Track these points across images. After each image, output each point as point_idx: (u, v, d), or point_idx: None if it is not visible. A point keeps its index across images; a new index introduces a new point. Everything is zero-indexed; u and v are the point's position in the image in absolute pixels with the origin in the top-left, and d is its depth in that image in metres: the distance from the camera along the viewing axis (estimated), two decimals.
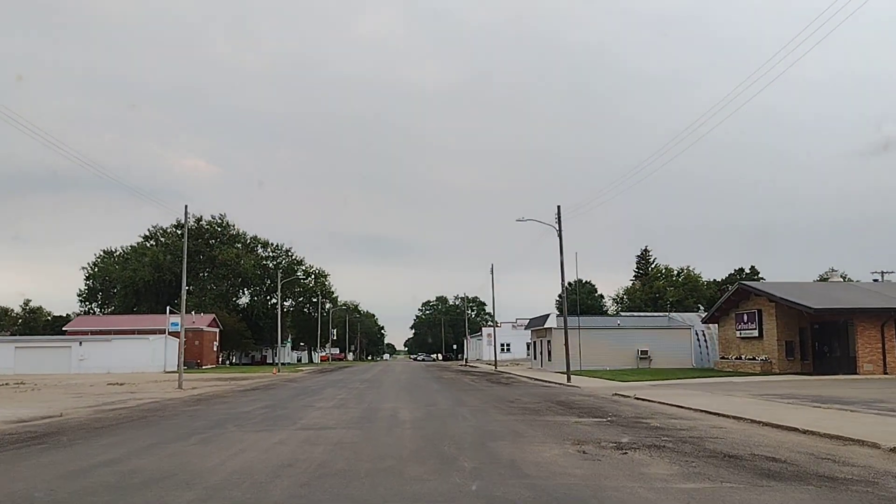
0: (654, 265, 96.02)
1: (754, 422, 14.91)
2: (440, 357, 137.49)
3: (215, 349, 77.17)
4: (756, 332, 38.33)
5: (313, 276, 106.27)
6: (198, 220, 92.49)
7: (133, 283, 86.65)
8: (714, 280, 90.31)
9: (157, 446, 11.90)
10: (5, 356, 57.36)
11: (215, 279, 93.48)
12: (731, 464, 9.48)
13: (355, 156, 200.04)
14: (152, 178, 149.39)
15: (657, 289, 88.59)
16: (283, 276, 79.28)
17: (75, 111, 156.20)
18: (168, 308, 62.57)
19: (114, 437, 13.47)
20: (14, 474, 9.37)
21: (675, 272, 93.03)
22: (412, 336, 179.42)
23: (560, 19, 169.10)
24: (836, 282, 44.25)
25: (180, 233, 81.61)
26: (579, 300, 63.07)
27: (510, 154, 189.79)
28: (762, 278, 74.79)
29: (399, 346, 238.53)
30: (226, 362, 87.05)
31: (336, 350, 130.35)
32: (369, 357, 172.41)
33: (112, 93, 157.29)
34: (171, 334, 59.06)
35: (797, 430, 13.41)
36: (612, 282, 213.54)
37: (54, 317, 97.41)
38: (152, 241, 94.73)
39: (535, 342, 59.12)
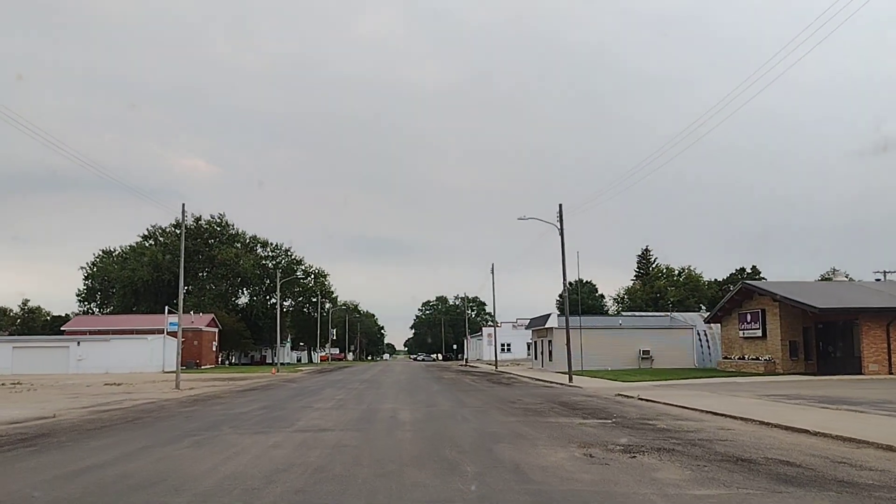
0: (654, 265, 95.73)
1: (763, 423, 14.64)
2: (440, 357, 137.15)
3: (214, 349, 76.79)
4: (759, 331, 37.98)
5: (313, 276, 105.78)
6: (197, 220, 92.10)
7: (132, 282, 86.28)
8: (715, 280, 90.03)
9: (148, 449, 11.53)
10: (3, 356, 57.08)
11: (214, 279, 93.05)
12: (745, 468, 9.11)
13: (355, 156, 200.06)
14: (152, 178, 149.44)
15: (658, 288, 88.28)
16: (282, 276, 78.88)
17: (75, 111, 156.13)
18: (167, 308, 62.17)
19: (105, 440, 13.11)
20: None
21: (676, 272, 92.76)
22: (412, 336, 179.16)
23: (560, 19, 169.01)
24: (840, 281, 43.88)
25: (179, 232, 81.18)
26: (580, 300, 62.72)
27: (510, 154, 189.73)
28: (763, 278, 74.41)
29: (399, 346, 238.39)
30: (225, 362, 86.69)
31: (336, 350, 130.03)
32: (369, 357, 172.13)
33: (112, 93, 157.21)
34: (169, 334, 58.69)
35: (808, 431, 13.12)
36: (612, 282, 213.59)
37: (53, 317, 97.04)
38: (151, 241, 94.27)
39: (535, 342, 58.79)
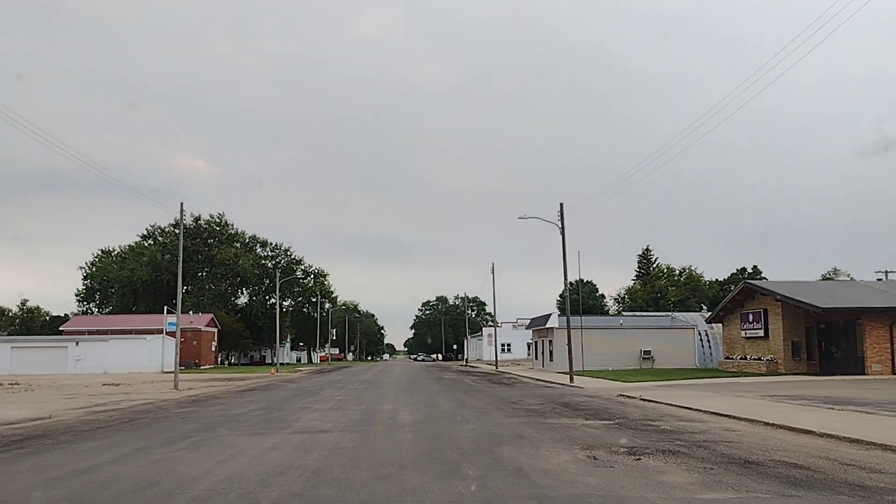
0: (655, 265, 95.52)
1: (768, 424, 14.44)
2: (440, 357, 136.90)
3: (213, 349, 76.53)
4: (761, 331, 37.77)
5: (312, 276, 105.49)
6: (196, 220, 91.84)
7: (131, 282, 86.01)
8: (716, 280, 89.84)
9: (142, 451, 11.30)
10: (1, 356, 56.85)
11: (214, 279, 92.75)
12: (752, 471, 8.89)
13: (355, 156, 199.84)
14: (152, 178, 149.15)
15: (659, 288, 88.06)
16: (281, 276, 78.62)
17: (75, 111, 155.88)
18: (165, 308, 61.94)
19: (99, 441, 12.88)
20: None
21: (677, 272, 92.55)
22: (412, 336, 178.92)
23: (560, 19, 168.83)
24: (843, 281, 43.66)
25: (178, 231, 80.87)
26: (581, 300, 62.52)
27: (510, 154, 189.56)
28: (764, 278, 74.17)
29: (399, 347, 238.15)
30: (224, 362, 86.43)
31: (335, 350, 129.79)
32: (369, 357, 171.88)
33: (112, 93, 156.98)
34: (168, 334, 58.45)
35: (814, 433, 12.92)
36: (613, 282, 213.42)
37: (52, 317, 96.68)
38: (150, 241, 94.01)
39: (536, 342, 58.57)
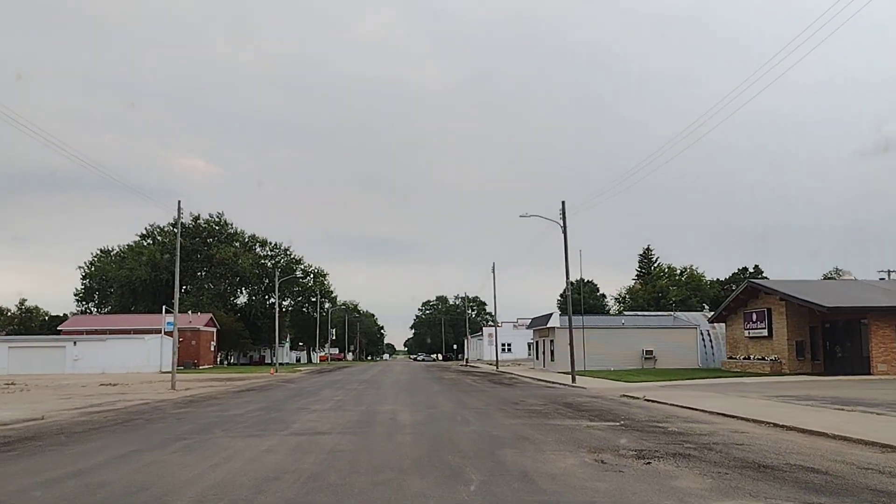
0: (656, 264, 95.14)
1: (777, 426, 14.07)
2: (440, 357, 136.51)
3: (213, 349, 76.14)
4: (765, 331, 37.39)
5: (312, 276, 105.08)
6: (195, 219, 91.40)
7: (130, 282, 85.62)
8: (717, 279, 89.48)
9: (134, 454, 10.92)
10: None
11: (213, 278, 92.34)
12: (768, 475, 8.51)
13: (355, 156, 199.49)
14: (152, 178, 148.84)
15: (660, 288, 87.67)
16: (281, 276, 78.21)
17: (75, 111, 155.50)
18: (164, 307, 61.54)
19: (91, 444, 12.51)
20: None
21: (678, 271, 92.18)
22: (412, 336, 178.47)
23: (560, 19, 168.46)
24: (847, 280, 43.27)
25: (176, 230, 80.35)
26: (582, 300, 62.13)
27: (510, 154, 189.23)
28: (766, 277, 73.70)
29: (399, 346, 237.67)
30: (223, 362, 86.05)
31: (335, 350, 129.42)
32: (369, 357, 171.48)
33: (112, 93, 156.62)
34: (166, 334, 58.05)
35: (826, 434, 12.55)
36: (613, 281, 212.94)
37: (51, 316, 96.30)
38: (149, 240, 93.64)
39: (537, 342, 58.19)
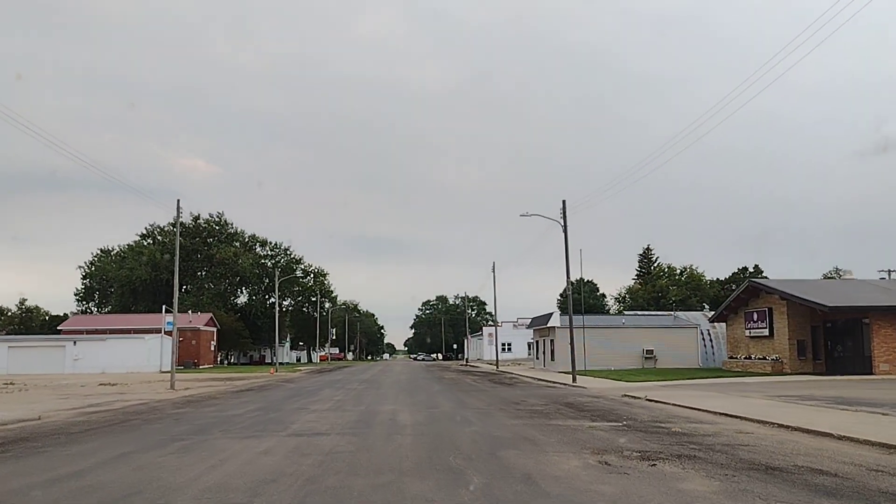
0: (656, 264, 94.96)
1: (781, 426, 13.90)
2: (440, 357, 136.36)
3: (213, 349, 75.95)
4: (766, 330, 37.22)
5: (312, 275, 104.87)
6: (195, 219, 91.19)
7: (130, 281, 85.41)
8: (717, 279, 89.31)
9: (128, 456, 10.72)
10: None
11: (213, 278, 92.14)
12: (777, 478, 8.32)
13: (355, 156, 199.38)
14: (152, 178, 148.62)
15: (660, 288, 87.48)
16: (281, 275, 78.00)
17: (75, 111, 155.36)
18: (164, 307, 61.34)
19: (86, 445, 12.31)
20: None
21: (678, 271, 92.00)
22: (412, 336, 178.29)
23: (560, 19, 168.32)
24: (848, 279, 43.08)
25: (179, 231, 79.74)
26: (582, 299, 61.93)
27: (510, 154, 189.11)
28: (766, 277, 73.57)
29: (399, 346, 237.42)
30: (224, 362, 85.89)
31: (335, 350, 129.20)
32: (369, 357, 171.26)
33: (112, 93, 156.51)
34: (166, 333, 57.86)
35: (831, 435, 12.38)
36: (613, 281, 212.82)
37: (51, 316, 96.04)
38: (150, 240, 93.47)
39: (537, 342, 58.02)
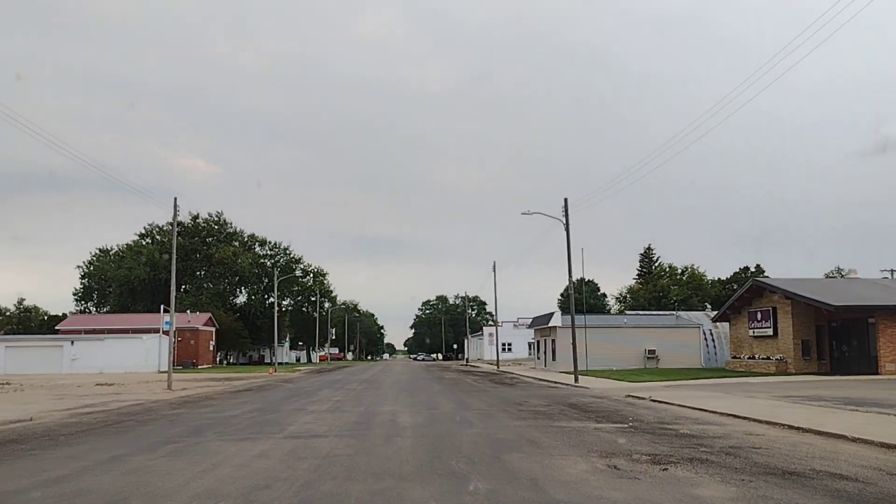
0: (657, 264, 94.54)
1: (792, 428, 13.55)
2: (440, 357, 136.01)
3: (212, 349, 75.59)
4: (770, 330, 36.85)
5: (312, 275, 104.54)
6: (194, 218, 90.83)
7: (128, 281, 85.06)
8: (719, 279, 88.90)
9: (119, 459, 10.35)
10: None
11: (212, 278, 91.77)
12: (796, 483, 7.95)
13: (355, 156, 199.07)
14: (152, 178, 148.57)
15: (661, 287, 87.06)
16: (280, 275, 77.62)
17: (75, 111, 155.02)
18: (162, 307, 60.95)
19: (76, 447, 11.94)
20: None
21: (679, 270, 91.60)
22: (412, 336, 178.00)
23: (560, 19, 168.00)
24: (853, 278, 42.69)
25: (178, 230, 79.28)
26: (584, 299, 61.58)
27: (510, 154, 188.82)
28: (767, 276, 73.22)
29: (399, 346, 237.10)
30: (223, 362, 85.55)
31: (335, 350, 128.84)
32: (369, 357, 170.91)
33: (112, 93, 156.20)
34: (164, 333, 57.49)
35: (845, 437, 12.01)
36: (614, 281, 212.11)
37: (50, 316, 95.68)
38: (148, 239, 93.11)
39: (538, 341, 57.66)
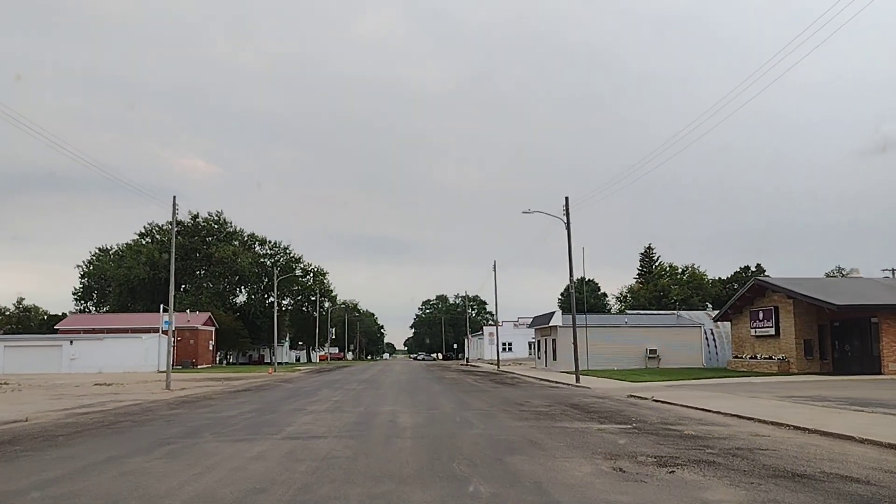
0: (658, 263, 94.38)
1: (798, 428, 13.35)
2: (440, 356, 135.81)
3: (211, 348, 75.40)
4: (772, 330, 36.65)
5: (311, 275, 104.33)
6: (194, 217, 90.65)
7: (128, 281, 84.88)
8: (719, 278, 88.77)
9: (113, 461, 10.15)
10: None
11: (212, 277, 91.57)
12: (806, 486, 7.76)
13: (355, 156, 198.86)
14: (152, 178, 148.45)
15: (661, 287, 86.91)
16: (280, 274, 77.41)
17: (75, 111, 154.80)
18: (162, 306, 60.77)
19: (71, 448, 11.74)
20: None
21: (680, 270, 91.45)
22: (412, 335, 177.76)
23: (560, 19, 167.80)
24: (855, 277, 42.48)
25: (177, 229, 79.09)
26: (584, 299, 61.38)
27: (510, 154, 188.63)
28: (768, 276, 73.00)
29: (399, 346, 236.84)
30: (222, 362, 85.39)
31: (335, 349, 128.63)
32: (369, 357, 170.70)
33: (112, 93, 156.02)
34: (164, 333, 57.29)
35: (853, 438, 11.81)
36: (615, 281, 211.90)
37: (49, 315, 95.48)
38: (148, 239, 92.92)
39: (539, 341, 57.47)
